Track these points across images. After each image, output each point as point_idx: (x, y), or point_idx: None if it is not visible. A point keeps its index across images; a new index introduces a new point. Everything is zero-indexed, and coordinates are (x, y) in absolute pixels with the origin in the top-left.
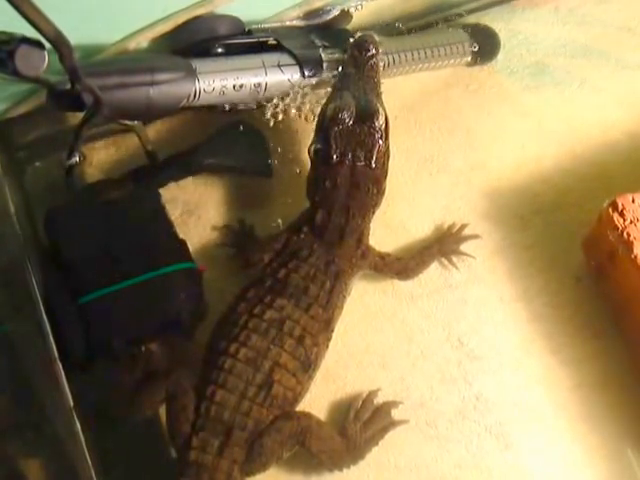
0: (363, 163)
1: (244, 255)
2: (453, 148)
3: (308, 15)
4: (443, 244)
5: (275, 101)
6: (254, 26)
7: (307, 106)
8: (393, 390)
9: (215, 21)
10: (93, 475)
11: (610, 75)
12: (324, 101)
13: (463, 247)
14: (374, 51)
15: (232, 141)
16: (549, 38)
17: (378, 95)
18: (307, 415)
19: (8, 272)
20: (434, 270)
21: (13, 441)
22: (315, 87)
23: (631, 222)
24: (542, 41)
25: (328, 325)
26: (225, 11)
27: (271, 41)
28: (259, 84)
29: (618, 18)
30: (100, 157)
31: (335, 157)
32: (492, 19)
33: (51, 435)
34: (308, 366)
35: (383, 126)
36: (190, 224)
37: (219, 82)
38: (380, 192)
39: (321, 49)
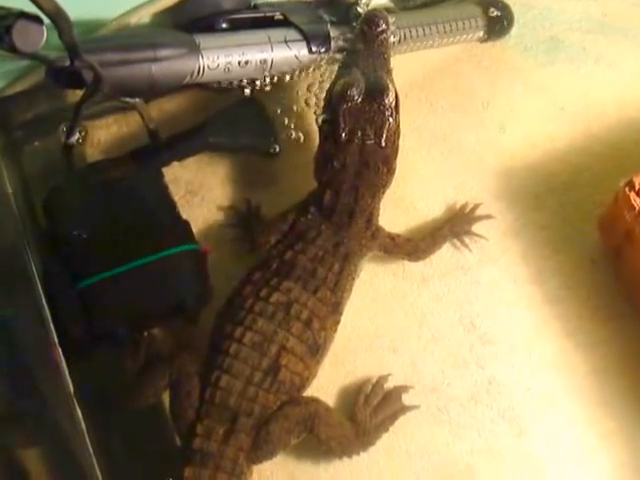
0: (373, 142)
1: (250, 237)
2: (465, 126)
3: None
4: (455, 225)
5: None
6: (260, 0)
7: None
8: (404, 374)
9: None
10: (94, 463)
11: (627, 52)
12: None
13: (475, 228)
14: (384, 26)
15: (237, 119)
16: (564, 13)
17: (388, 71)
18: (315, 401)
19: (6, 255)
20: (446, 251)
21: (13, 428)
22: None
23: None
24: (557, 16)
25: (336, 308)
26: None
27: (277, 16)
28: (265, 60)
29: None
30: (101, 136)
31: (344, 135)
32: None
33: (51, 422)
34: (316, 350)
35: (393, 103)
36: (194, 205)
37: (224, 58)
38: (390, 171)
39: (329, 24)
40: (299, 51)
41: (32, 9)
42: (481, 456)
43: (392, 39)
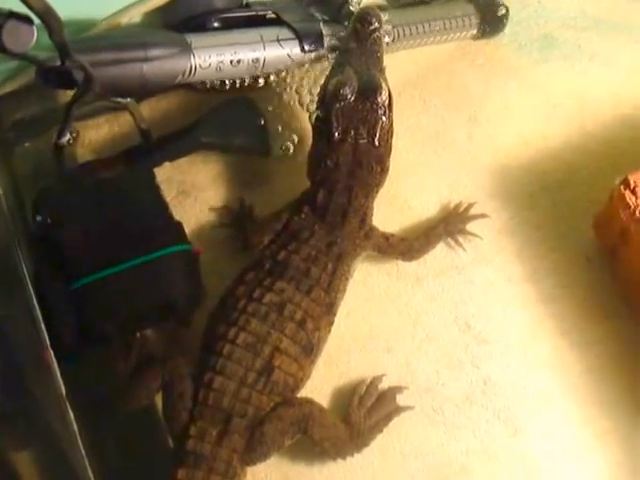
0: (366, 141)
1: (243, 236)
2: (459, 125)
3: None
4: (449, 224)
5: (273, 77)
6: None
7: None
8: (398, 375)
9: None
10: (87, 465)
11: (621, 49)
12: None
13: (470, 227)
14: (377, 24)
15: (229, 119)
16: (558, 10)
17: (381, 70)
18: (309, 402)
19: None
20: (440, 251)
21: (4, 430)
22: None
23: None
24: (551, 13)
25: (330, 308)
26: None
27: (270, 15)
28: (257, 59)
29: None
30: (92, 136)
31: (337, 135)
32: None
33: (43, 424)
34: (310, 351)
35: (386, 102)
36: (186, 205)
37: (215, 57)
38: (384, 170)
39: (321, 23)
40: (291, 50)
41: (22, 9)
42: (476, 457)
43: (385, 37)
